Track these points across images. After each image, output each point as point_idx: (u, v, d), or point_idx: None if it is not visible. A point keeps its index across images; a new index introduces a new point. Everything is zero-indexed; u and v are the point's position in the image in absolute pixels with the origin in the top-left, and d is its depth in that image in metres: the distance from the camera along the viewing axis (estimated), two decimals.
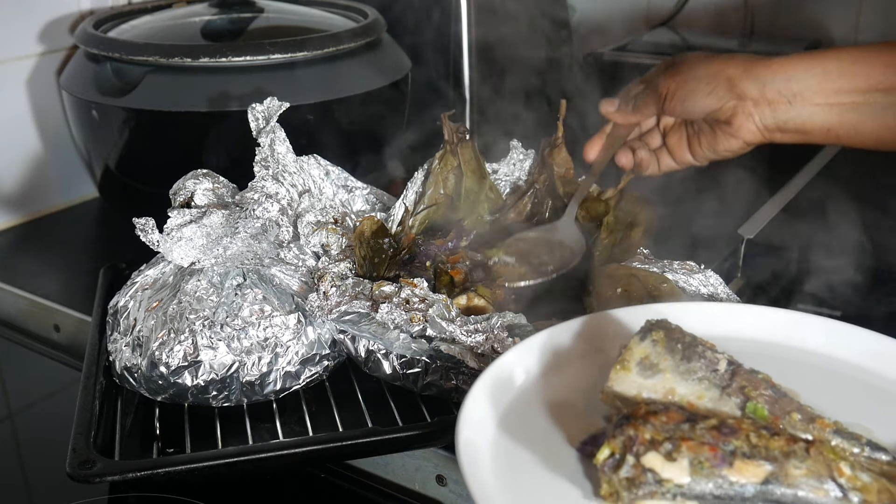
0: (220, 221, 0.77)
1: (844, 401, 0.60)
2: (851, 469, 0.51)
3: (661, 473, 0.50)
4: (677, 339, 0.59)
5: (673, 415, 0.52)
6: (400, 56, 1.17)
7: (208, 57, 0.99)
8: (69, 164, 1.21)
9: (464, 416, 0.56)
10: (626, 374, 0.58)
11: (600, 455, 0.51)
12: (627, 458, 0.50)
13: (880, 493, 0.50)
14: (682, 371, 0.58)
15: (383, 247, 0.84)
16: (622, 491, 0.50)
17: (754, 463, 0.50)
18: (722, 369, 0.58)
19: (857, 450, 0.53)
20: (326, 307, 0.75)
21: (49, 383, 0.92)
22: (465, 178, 0.91)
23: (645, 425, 0.51)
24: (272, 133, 0.85)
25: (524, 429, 0.58)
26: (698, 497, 0.50)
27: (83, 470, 0.65)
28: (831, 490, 0.50)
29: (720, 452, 0.50)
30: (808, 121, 0.71)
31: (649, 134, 0.83)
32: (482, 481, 0.53)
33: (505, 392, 0.61)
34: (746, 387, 0.56)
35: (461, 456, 0.53)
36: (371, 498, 0.74)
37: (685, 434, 0.51)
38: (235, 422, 0.75)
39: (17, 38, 1.16)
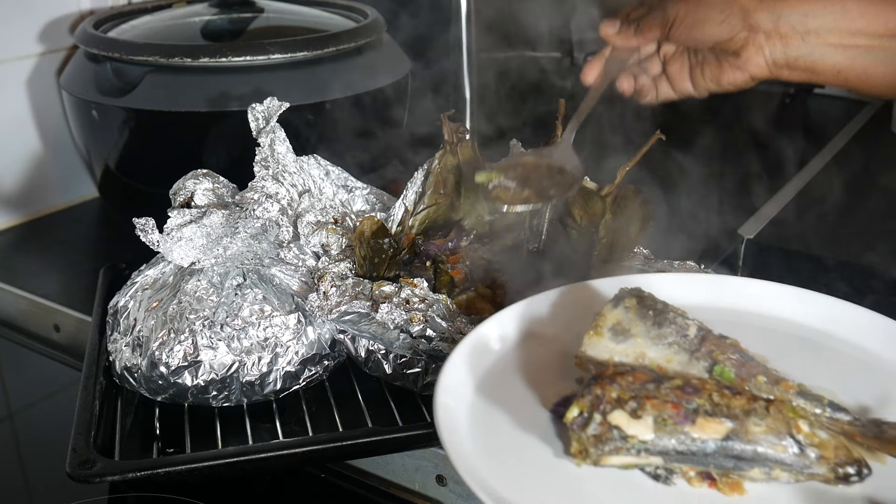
0: (220, 221, 0.77)
1: (811, 366, 0.62)
2: (809, 427, 0.53)
3: (627, 430, 0.52)
4: (649, 306, 0.61)
5: (639, 375, 0.55)
6: (400, 56, 1.17)
7: (208, 57, 0.99)
8: (69, 164, 1.21)
9: (442, 381, 0.58)
10: (598, 339, 0.60)
11: (570, 414, 0.53)
12: (595, 416, 0.53)
13: (837, 449, 0.52)
14: (652, 336, 0.60)
15: (383, 247, 0.84)
16: (590, 447, 0.52)
17: (716, 420, 0.52)
18: (692, 335, 0.60)
19: (819, 410, 0.56)
20: (326, 307, 0.75)
21: (49, 383, 0.92)
22: (465, 178, 0.91)
23: (612, 385, 0.54)
24: (272, 133, 0.85)
25: (501, 392, 0.60)
26: (662, 453, 0.52)
27: (83, 470, 0.65)
28: (789, 446, 0.52)
29: (683, 410, 0.52)
30: (819, 60, 0.69)
31: (649, 60, 0.80)
32: (458, 441, 0.55)
33: (483, 358, 0.63)
34: (714, 351, 0.58)
35: (438, 418, 0.55)
36: (371, 498, 0.74)
37: (650, 393, 0.53)
38: (235, 422, 0.75)
39: (17, 38, 1.16)
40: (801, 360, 0.62)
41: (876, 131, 1.41)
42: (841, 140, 1.36)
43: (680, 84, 0.78)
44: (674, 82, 0.79)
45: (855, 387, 0.60)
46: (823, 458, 0.52)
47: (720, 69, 0.74)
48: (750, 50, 0.70)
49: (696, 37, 0.72)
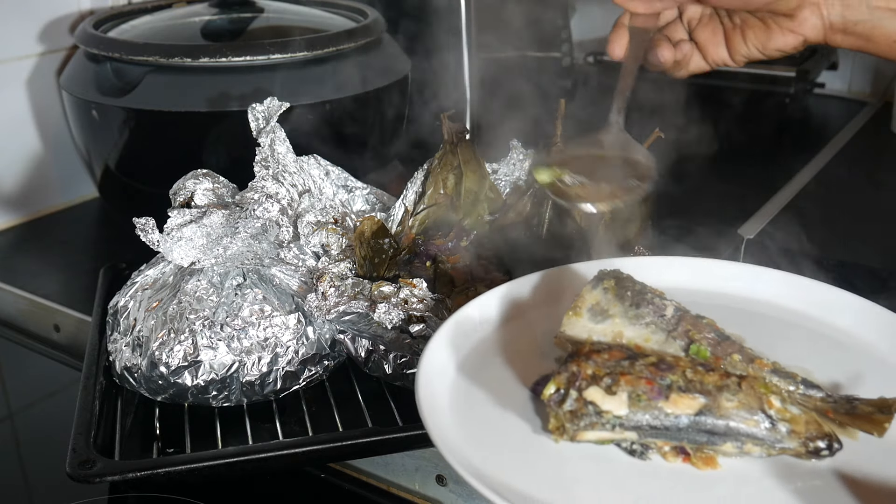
0: (220, 221, 0.77)
1: (786, 345, 0.63)
2: (781, 402, 0.54)
3: (601, 406, 0.53)
4: (628, 287, 0.63)
5: (615, 353, 0.56)
6: (400, 56, 1.17)
7: (208, 57, 0.99)
8: (69, 164, 1.22)
9: (424, 360, 0.60)
10: (577, 319, 0.61)
11: (547, 391, 0.54)
12: (571, 392, 0.54)
13: (808, 424, 0.54)
14: (630, 316, 0.61)
15: (383, 247, 0.84)
16: (566, 423, 0.54)
17: (689, 396, 0.53)
18: (669, 315, 0.61)
19: (793, 387, 0.57)
20: (325, 307, 0.75)
21: (49, 383, 0.92)
22: (464, 178, 0.91)
23: (587, 362, 0.55)
24: (272, 133, 0.85)
25: (482, 372, 0.62)
26: (636, 427, 0.54)
27: (83, 470, 0.65)
28: (761, 421, 0.53)
29: (657, 386, 0.54)
30: (878, 27, 0.64)
31: (669, 28, 0.71)
32: (439, 419, 0.56)
33: (465, 339, 0.64)
34: (691, 330, 0.60)
35: (419, 396, 0.56)
36: (371, 498, 0.74)
37: (625, 370, 0.55)
38: (235, 422, 0.75)
39: (17, 38, 1.16)
40: (776, 340, 0.63)
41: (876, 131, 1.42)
42: (841, 140, 1.36)
43: (714, 52, 0.70)
44: (706, 51, 0.71)
45: (828, 365, 0.61)
46: (794, 432, 0.53)
47: (769, 33, 0.67)
48: (806, 11, 0.65)
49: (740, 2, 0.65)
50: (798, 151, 1.32)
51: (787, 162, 1.27)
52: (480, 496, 0.69)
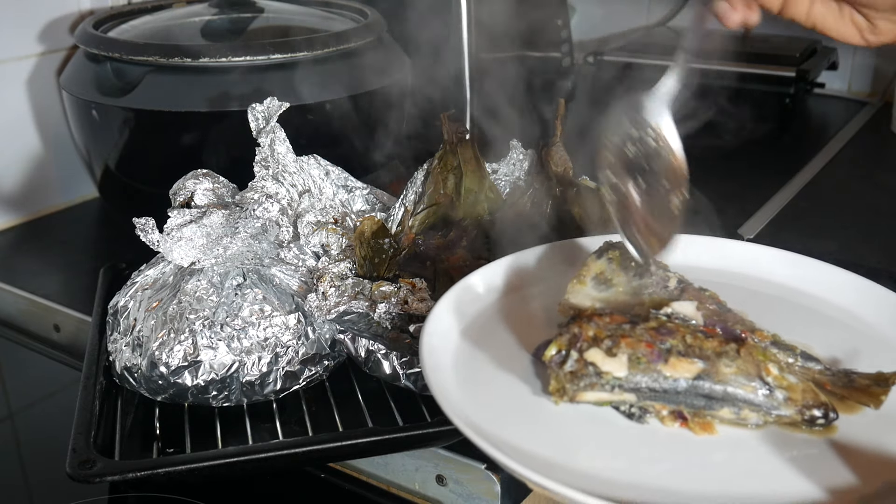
0: (220, 221, 0.77)
1: (786, 321, 0.64)
2: (779, 370, 0.55)
3: (602, 367, 0.54)
4: (632, 258, 0.63)
5: (616, 317, 0.57)
6: (400, 56, 1.17)
7: (208, 57, 0.99)
8: (69, 164, 1.22)
9: (429, 325, 0.61)
10: (581, 287, 0.62)
11: (548, 352, 0.55)
12: (572, 353, 0.55)
13: (804, 393, 0.54)
14: (633, 286, 0.62)
15: (383, 247, 0.84)
16: (566, 384, 0.54)
17: (687, 360, 0.54)
18: (672, 286, 0.61)
19: (791, 359, 0.58)
20: (325, 307, 0.75)
21: (49, 383, 0.92)
22: (464, 178, 0.91)
23: (589, 324, 0.56)
24: (272, 133, 0.85)
25: (486, 338, 0.63)
26: (635, 390, 0.54)
27: (83, 470, 0.65)
28: (758, 387, 0.54)
29: (656, 349, 0.54)
30: None
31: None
32: (442, 380, 0.57)
33: (470, 306, 0.65)
34: (692, 300, 0.60)
35: (423, 359, 0.57)
36: (371, 498, 0.74)
37: (626, 333, 0.55)
38: (235, 422, 0.75)
39: (17, 38, 1.16)
40: (777, 316, 0.64)
41: (876, 131, 1.42)
42: (841, 140, 1.36)
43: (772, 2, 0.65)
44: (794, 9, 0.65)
45: (827, 341, 0.62)
46: (791, 399, 0.54)
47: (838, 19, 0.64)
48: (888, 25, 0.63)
49: None
50: (798, 151, 1.32)
51: (787, 162, 1.27)
52: (480, 497, 0.70)
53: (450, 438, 0.69)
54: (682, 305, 0.59)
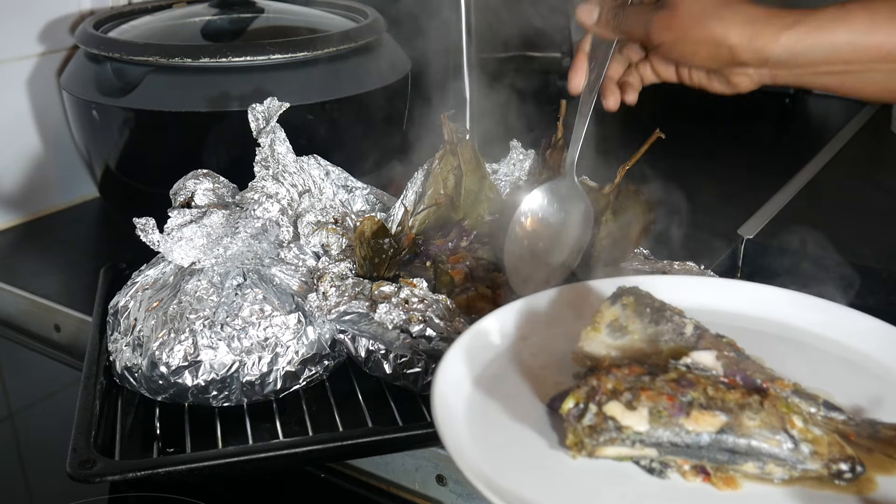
0: (220, 221, 0.77)
1: (806, 368, 0.62)
2: (804, 422, 0.53)
3: (622, 421, 0.52)
4: (647, 304, 0.62)
5: (635, 368, 0.55)
6: (400, 56, 1.17)
7: (208, 57, 0.99)
8: (69, 164, 1.21)
9: (440, 373, 0.59)
10: (595, 335, 0.60)
11: (566, 405, 0.54)
12: (590, 406, 0.53)
13: (831, 446, 0.52)
14: (649, 333, 0.60)
15: (383, 247, 0.84)
16: (585, 438, 0.53)
17: (710, 413, 0.52)
18: (688, 333, 0.60)
19: (814, 409, 0.56)
20: (325, 307, 0.75)
21: (49, 383, 0.92)
22: (465, 178, 0.91)
23: (607, 376, 0.54)
24: (272, 133, 0.85)
25: (498, 387, 0.61)
26: (656, 444, 0.52)
27: (83, 470, 0.65)
28: (783, 441, 0.52)
29: (678, 402, 0.53)
30: (807, 83, 0.68)
31: (629, 46, 0.76)
32: (455, 433, 0.55)
33: (482, 353, 0.63)
34: (711, 349, 0.58)
35: (436, 409, 0.56)
36: (371, 498, 0.74)
37: (645, 385, 0.53)
38: (235, 422, 0.75)
39: (17, 38, 1.16)
40: (796, 362, 0.62)
41: (876, 131, 1.42)
42: (841, 140, 1.36)
43: (665, 73, 0.75)
44: (659, 71, 0.76)
45: (849, 388, 0.60)
46: (817, 453, 0.52)
47: (708, 80, 0.72)
48: (738, 77, 0.70)
49: (682, 62, 0.71)
50: (798, 151, 1.32)
51: (787, 162, 1.27)
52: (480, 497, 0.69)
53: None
54: (701, 355, 0.57)
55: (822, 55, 0.65)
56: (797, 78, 0.68)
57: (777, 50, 0.65)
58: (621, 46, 0.76)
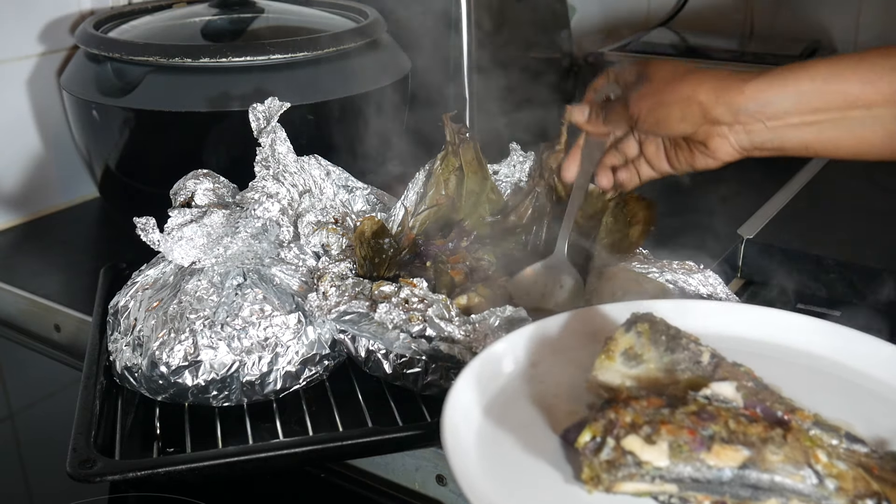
0: (220, 221, 0.77)
1: (825, 397, 0.60)
2: (828, 457, 0.52)
3: (641, 456, 0.50)
4: (662, 331, 0.60)
5: (654, 400, 0.53)
6: (400, 56, 1.17)
7: (208, 57, 0.99)
8: (69, 164, 1.21)
9: (450, 401, 0.57)
10: (610, 363, 0.59)
11: (582, 438, 0.52)
12: (608, 440, 0.51)
13: (856, 481, 0.51)
14: (665, 362, 0.59)
15: (384, 247, 0.84)
16: (602, 473, 0.51)
17: (732, 448, 0.51)
18: (705, 361, 0.58)
19: (836, 441, 0.54)
20: (325, 307, 0.75)
21: (49, 383, 0.92)
22: (466, 179, 0.91)
23: (626, 409, 0.52)
24: (273, 133, 0.85)
25: (509, 416, 0.59)
26: (677, 480, 0.51)
27: (83, 469, 0.65)
28: (807, 476, 0.51)
29: (699, 437, 0.51)
30: (785, 140, 0.70)
31: (625, 142, 0.81)
32: (466, 465, 0.54)
33: (492, 380, 0.62)
34: (728, 378, 0.57)
35: (446, 440, 0.54)
36: (371, 498, 0.74)
37: (665, 418, 0.52)
38: (235, 422, 0.75)
39: (17, 38, 1.16)
40: (815, 391, 0.61)
41: None
42: None
43: (658, 165, 0.79)
44: (652, 163, 0.80)
45: (871, 419, 0.59)
46: (842, 489, 0.51)
47: (692, 155, 0.75)
48: (716, 140, 0.72)
49: (661, 132, 0.75)
50: None
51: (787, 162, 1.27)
52: None
53: None
54: (721, 386, 0.55)
55: (790, 103, 0.67)
56: (774, 133, 0.69)
57: (743, 100, 0.68)
58: (617, 142, 0.81)
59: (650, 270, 0.79)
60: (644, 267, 0.80)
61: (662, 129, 0.73)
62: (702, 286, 0.78)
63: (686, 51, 1.49)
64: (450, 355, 0.71)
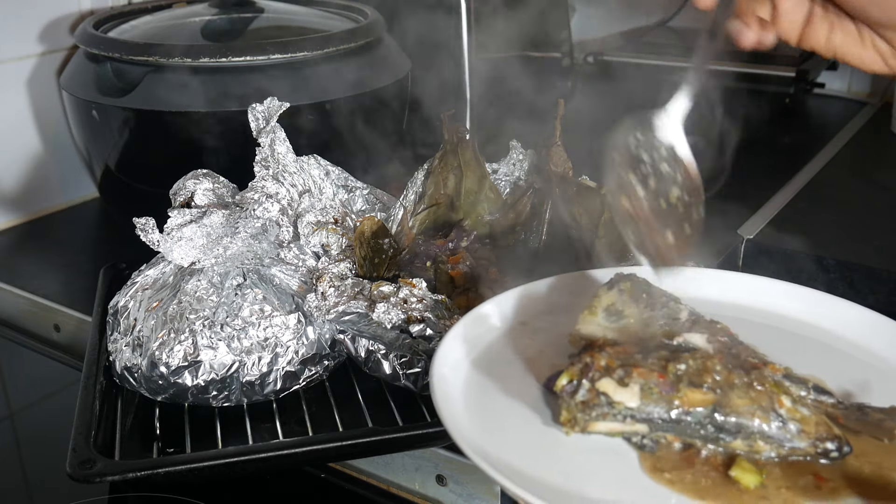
0: (220, 221, 0.77)
1: (797, 355, 0.63)
2: (792, 402, 0.54)
3: (614, 397, 0.54)
4: (643, 289, 0.63)
5: (628, 347, 0.56)
6: (400, 56, 1.17)
7: (208, 57, 0.99)
8: (69, 164, 1.22)
9: (440, 354, 0.61)
10: (592, 318, 0.62)
11: (560, 382, 0.55)
12: (583, 383, 0.54)
13: (818, 426, 0.54)
14: (645, 318, 0.61)
15: (383, 247, 0.84)
16: (577, 413, 0.54)
17: (700, 391, 0.54)
18: (683, 318, 0.61)
19: (804, 392, 0.57)
20: (324, 307, 0.75)
21: (49, 383, 0.92)
22: (465, 178, 0.91)
23: (601, 353, 0.55)
24: (272, 133, 0.85)
25: (496, 368, 0.63)
26: (647, 420, 0.54)
27: (83, 470, 0.65)
28: (772, 419, 0.54)
29: (668, 380, 0.54)
30: None
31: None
32: (453, 410, 0.57)
33: (481, 336, 0.65)
34: (704, 332, 0.59)
35: (434, 388, 0.57)
36: (371, 498, 0.74)
37: (637, 362, 0.55)
38: (235, 422, 0.75)
39: (17, 38, 1.16)
40: (788, 350, 0.63)
41: (876, 131, 1.42)
42: (841, 140, 1.36)
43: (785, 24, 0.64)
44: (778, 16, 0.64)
45: (839, 375, 0.62)
46: (804, 432, 0.54)
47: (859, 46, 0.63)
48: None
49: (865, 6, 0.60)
50: (798, 151, 1.32)
51: (787, 162, 1.27)
52: (480, 497, 0.70)
53: (450, 439, 0.69)
54: (693, 336, 0.58)
55: None
56: None
57: None
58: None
59: None
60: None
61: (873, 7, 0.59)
62: None
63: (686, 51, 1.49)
64: None
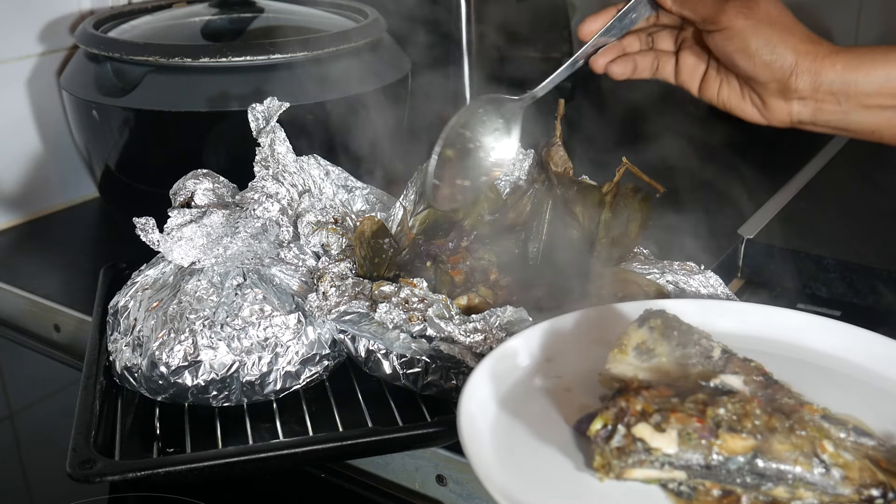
0: (220, 221, 0.77)
1: (834, 393, 0.61)
2: (834, 447, 0.53)
3: (651, 443, 0.52)
4: (674, 327, 0.61)
5: (663, 390, 0.54)
6: (400, 56, 1.17)
7: (208, 57, 0.99)
8: (69, 164, 1.22)
9: (467, 392, 0.59)
10: (623, 357, 0.60)
11: (594, 426, 0.53)
12: (619, 428, 0.52)
13: (862, 471, 0.52)
14: (677, 356, 0.59)
15: (383, 247, 0.84)
16: (613, 460, 0.52)
17: (739, 436, 0.52)
18: (716, 356, 0.59)
19: (844, 434, 0.55)
20: (325, 307, 0.75)
21: (49, 383, 0.92)
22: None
23: (636, 397, 0.53)
24: (272, 133, 0.85)
25: (524, 408, 0.61)
26: (685, 467, 0.52)
27: (83, 470, 0.65)
28: (814, 465, 0.52)
29: (707, 425, 0.52)
30: (852, 123, 0.67)
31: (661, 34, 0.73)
32: (481, 453, 0.55)
33: (508, 374, 0.63)
34: (739, 373, 0.58)
35: (462, 429, 0.56)
36: (371, 498, 0.74)
37: (674, 406, 0.53)
38: (235, 422, 0.75)
39: (17, 38, 1.16)
40: (824, 388, 0.62)
41: None
42: (841, 140, 1.36)
43: (686, 79, 0.73)
44: (680, 73, 0.73)
45: (879, 414, 0.59)
46: (848, 478, 0.52)
47: (740, 99, 0.70)
48: (777, 104, 0.68)
49: (735, 61, 0.67)
50: (798, 151, 1.32)
51: (787, 162, 1.27)
52: (480, 497, 0.70)
53: (450, 438, 0.69)
54: (729, 378, 0.56)
55: (876, 85, 0.64)
56: (844, 115, 0.66)
57: (833, 74, 0.64)
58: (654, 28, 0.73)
59: (651, 271, 0.79)
60: (645, 268, 0.80)
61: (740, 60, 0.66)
62: (702, 287, 0.78)
63: None
64: (450, 355, 0.71)
